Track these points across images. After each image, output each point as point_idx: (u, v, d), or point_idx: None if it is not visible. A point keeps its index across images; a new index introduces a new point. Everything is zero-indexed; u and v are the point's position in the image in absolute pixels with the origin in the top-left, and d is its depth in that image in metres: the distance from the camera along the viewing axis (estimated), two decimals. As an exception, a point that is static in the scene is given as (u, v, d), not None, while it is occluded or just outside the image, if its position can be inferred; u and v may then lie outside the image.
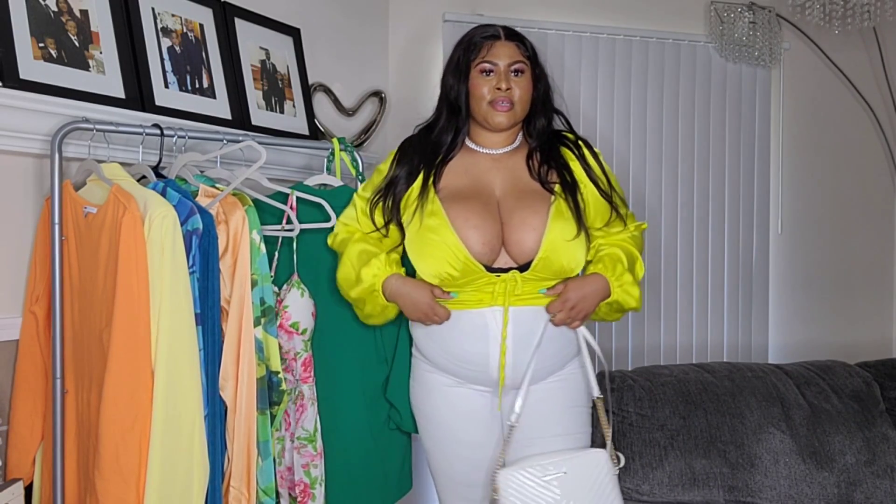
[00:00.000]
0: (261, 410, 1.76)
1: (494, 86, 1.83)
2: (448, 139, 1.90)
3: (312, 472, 1.95)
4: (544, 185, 1.85)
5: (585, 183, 1.88)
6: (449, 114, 1.90)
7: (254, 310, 1.74)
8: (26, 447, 1.74)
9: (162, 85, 1.96)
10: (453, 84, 1.88)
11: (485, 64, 1.84)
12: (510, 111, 1.84)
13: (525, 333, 1.79)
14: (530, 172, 1.88)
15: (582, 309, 1.80)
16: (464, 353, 1.82)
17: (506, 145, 1.91)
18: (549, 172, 1.87)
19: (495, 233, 1.79)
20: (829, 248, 3.38)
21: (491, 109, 1.84)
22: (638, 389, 2.15)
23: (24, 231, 1.74)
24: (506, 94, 1.82)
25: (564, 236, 1.78)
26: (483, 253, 1.77)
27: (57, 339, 1.64)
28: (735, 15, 3.14)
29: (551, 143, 1.92)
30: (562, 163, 1.89)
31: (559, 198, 1.83)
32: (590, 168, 1.90)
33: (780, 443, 2.14)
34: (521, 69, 1.85)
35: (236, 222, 1.74)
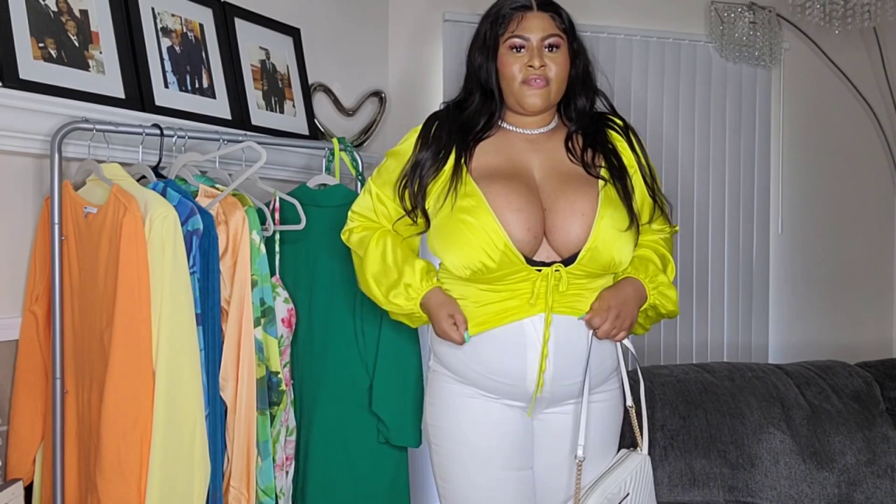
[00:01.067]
0: (261, 411, 1.76)
1: (526, 63, 1.62)
2: (482, 121, 1.70)
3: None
4: (588, 169, 1.66)
5: (635, 170, 1.70)
6: (482, 95, 1.70)
7: (254, 310, 1.74)
8: (26, 447, 1.74)
9: (162, 85, 1.96)
10: (481, 63, 1.68)
11: (515, 39, 1.63)
12: (545, 89, 1.63)
13: (567, 342, 1.61)
14: (570, 156, 1.69)
15: (626, 316, 1.61)
16: (499, 364, 1.62)
17: (541, 126, 1.72)
18: (594, 156, 1.68)
19: (539, 218, 1.60)
20: (829, 248, 3.38)
21: (524, 89, 1.63)
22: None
23: (23, 231, 1.74)
24: (539, 72, 1.62)
25: (616, 225, 1.60)
26: (526, 241, 1.57)
27: (57, 339, 1.64)
28: (735, 15, 3.14)
29: (596, 126, 1.73)
30: (609, 147, 1.70)
31: (608, 183, 1.65)
32: (639, 157, 1.72)
33: (780, 443, 2.14)
34: (557, 43, 1.64)
35: (236, 223, 1.74)
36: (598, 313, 1.60)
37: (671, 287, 1.70)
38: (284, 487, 1.92)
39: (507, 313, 1.60)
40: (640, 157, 1.72)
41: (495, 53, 1.66)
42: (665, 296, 1.68)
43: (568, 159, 1.69)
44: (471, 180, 1.63)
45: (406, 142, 1.74)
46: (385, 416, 1.94)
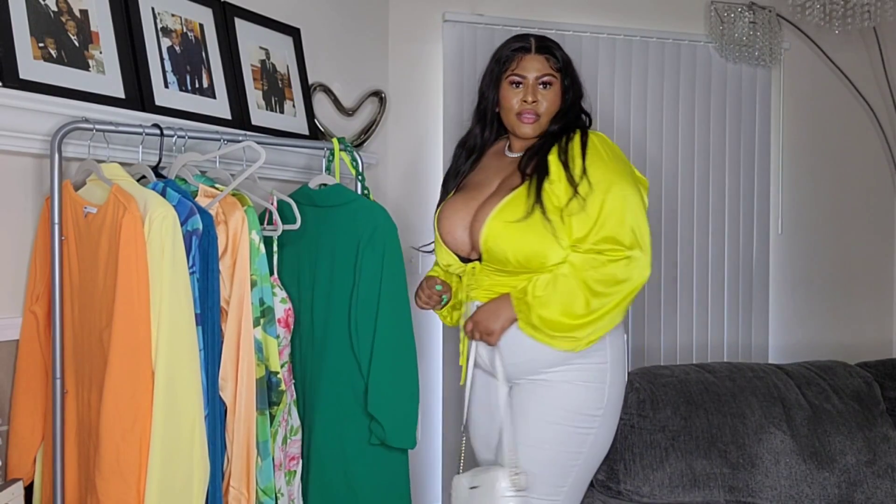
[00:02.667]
0: (260, 411, 1.76)
1: (522, 98, 1.90)
2: (476, 142, 2.02)
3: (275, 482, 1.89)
4: (522, 172, 1.88)
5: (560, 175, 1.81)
6: (479, 118, 2.02)
7: (253, 310, 1.74)
8: (26, 447, 1.73)
9: (162, 85, 1.96)
10: (488, 94, 1.98)
11: (514, 77, 1.92)
12: (535, 122, 1.91)
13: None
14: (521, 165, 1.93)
15: (484, 322, 1.84)
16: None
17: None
18: (529, 163, 1.88)
19: (464, 224, 1.90)
20: (829, 249, 3.38)
21: (517, 120, 1.91)
22: (639, 390, 2.15)
23: (24, 231, 1.74)
24: (531, 107, 1.89)
25: (506, 218, 1.80)
26: (452, 242, 1.93)
27: (57, 339, 1.64)
28: (735, 15, 3.14)
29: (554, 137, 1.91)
30: (542, 152, 1.88)
31: (525, 186, 1.83)
32: (566, 154, 1.83)
33: (780, 443, 2.14)
34: (550, 82, 1.92)
35: (236, 223, 1.73)
36: (471, 319, 1.88)
37: (549, 306, 1.76)
38: (284, 488, 1.92)
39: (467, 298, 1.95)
40: (569, 153, 1.83)
41: (498, 86, 1.95)
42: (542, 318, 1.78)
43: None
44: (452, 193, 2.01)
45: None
46: (381, 417, 1.93)
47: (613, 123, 3.13)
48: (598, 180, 1.77)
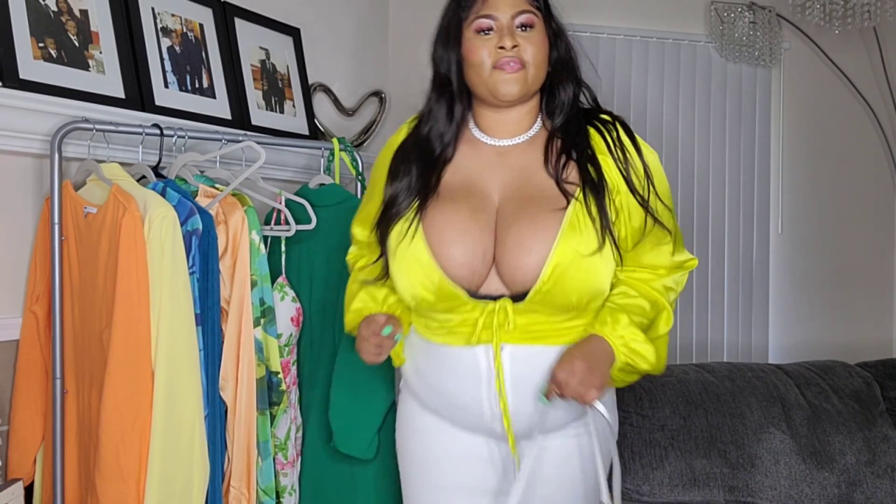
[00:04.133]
0: (261, 411, 1.76)
1: (496, 45, 1.39)
2: (444, 128, 1.48)
3: (282, 480, 1.91)
4: (560, 184, 1.40)
5: (619, 186, 1.41)
6: (439, 94, 1.48)
7: (253, 310, 1.74)
8: (27, 447, 1.73)
9: (162, 85, 1.96)
10: (443, 54, 1.45)
11: (481, 20, 1.40)
12: (520, 72, 1.39)
13: (528, 375, 1.41)
14: (547, 167, 1.43)
15: (596, 371, 1.36)
16: (454, 396, 1.46)
17: (518, 134, 1.47)
18: (566, 166, 1.42)
19: (481, 251, 1.39)
20: (829, 248, 3.38)
21: (496, 75, 1.39)
22: (638, 390, 2.15)
23: (24, 231, 1.74)
24: (513, 54, 1.38)
25: (579, 250, 1.35)
26: (462, 276, 1.38)
27: (57, 339, 1.64)
28: (735, 15, 3.14)
29: (578, 126, 1.46)
30: (588, 153, 1.42)
31: (578, 203, 1.38)
32: (629, 162, 1.42)
33: (780, 443, 2.14)
34: (530, 22, 1.41)
35: (236, 223, 1.74)
36: (563, 367, 1.34)
37: (646, 342, 1.41)
38: (296, 483, 1.93)
39: (459, 338, 1.43)
40: (632, 162, 1.43)
41: (459, 41, 1.42)
42: (637, 353, 1.41)
43: (543, 173, 1.44)
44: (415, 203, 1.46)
45: (374, 178, 1.57)
46: (333, 419, 1.87)
47: (613, 123, 3.13)
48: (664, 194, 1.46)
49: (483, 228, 1.40)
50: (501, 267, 1.39)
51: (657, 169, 1.45)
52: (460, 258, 1.38)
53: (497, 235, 1.40)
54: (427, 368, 1.50)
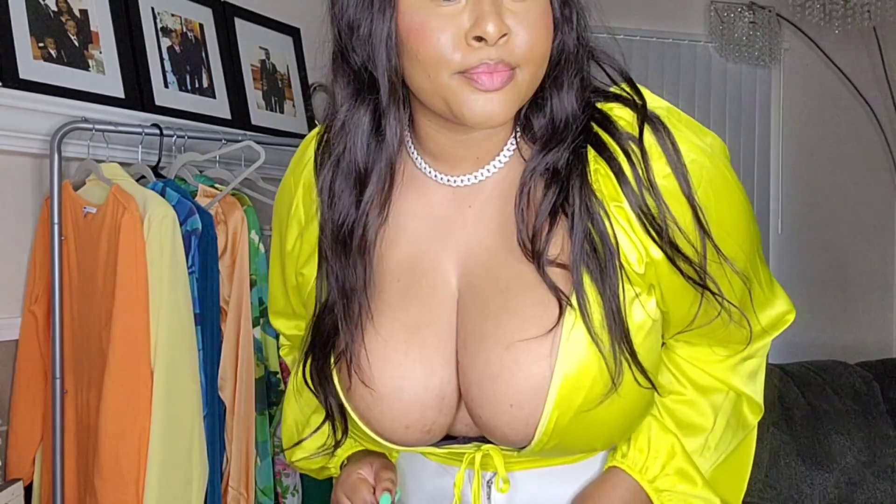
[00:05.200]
0: (259, 411, 1.76)
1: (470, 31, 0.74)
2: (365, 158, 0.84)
3: (284, 480, 1.91)
4: (541, 271, 0.81)
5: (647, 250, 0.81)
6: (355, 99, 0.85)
7: (252, 310, 1.74)
8: (26, 447, 1.73)
9: (162, 85, 1.96)
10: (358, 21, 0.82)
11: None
12: (510, 84, 0.76)
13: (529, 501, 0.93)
14: (520, 235, 0.83)
15: None
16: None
17: (485, 163, 0.86)
18: (550, 235, 0.82)
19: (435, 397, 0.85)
20: (829, 248, 3.37)
21: (467, 88, 0.76)
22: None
23: (23, 231, 1.73)
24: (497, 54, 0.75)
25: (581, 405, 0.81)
26: (408, 441, 0.87)
27: (56, 339, 1.64)
28: (735, 15, 3.14)
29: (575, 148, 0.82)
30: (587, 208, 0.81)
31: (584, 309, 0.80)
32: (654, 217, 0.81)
33: (780, 443, 2.14)
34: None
35: (235, 222, 1.74)
36: None
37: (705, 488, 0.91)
38: (298, 484, 1.93)
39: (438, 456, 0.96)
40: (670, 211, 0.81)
41: (392, 3, 0.78)
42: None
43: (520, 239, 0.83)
44: None
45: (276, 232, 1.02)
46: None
47: (613, 123, 3.13)
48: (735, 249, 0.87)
49: (434, 357, 0.85)
50: (473, 416, 0.86)
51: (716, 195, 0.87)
52: (402, 419, 0.85)
53: (459, 361, 0.85)
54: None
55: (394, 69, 0.79)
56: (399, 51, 0.79)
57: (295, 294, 0.98)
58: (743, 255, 0.87)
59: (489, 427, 0.84)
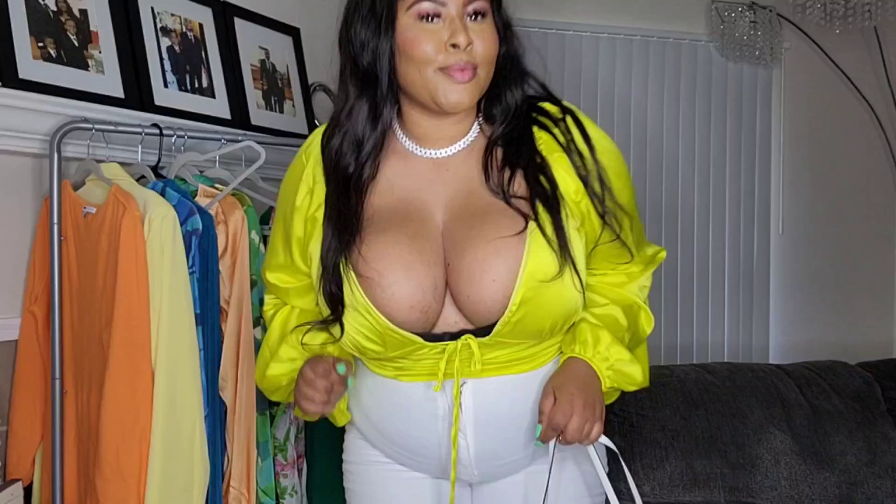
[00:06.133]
0: (260, 411, 1.76)
1: (448, 41, 1.14)
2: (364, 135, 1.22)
3: (282, 481, 1.90)
4: (508, 200, 1.20)
5: (578, 190, 1.22)
6: (360, 92, 1.21)
7: (253, 310, 1.74)
8: (26, 448, 1.73)
9: (161, 85, 1.96)
10: (368, 40, 1.17)
11: (425, 4, 1.14)
12: (473, 80, 1.16)
13: (493, 409, 1.24)
14: (490, 183, 1.22)
15: (595, 402, 1.21)
16: (406, 438, 1.28)
17: (456, 140, 1.25)
18: (512, 178, 1.21)
19: (430, 285, 1.18)
20: (830, 248, 3.37)
21: (443, 81, 1.15)
22: (638, 390, 2.15)
23: (23, 231, 1.73)
24: (466, 57, 1.14)
25: (540, 277, 1.17)
26: (413, 320, 1.18)
27: (56, 339, 1.64)
28: (736, 14, 3.14)
29: (522, 125, 1.24)
30: (537, 160, 1.22)
31: (538, 222, 1.19)
32: (583, 161, 1.22)
33: (780, 443, 2.14)
34: (483, 10, 1.17)
35: (235, 222, 1.73)
36: (560, 409, 1.16)
37: (633, 361, 1.27)
38: (297, 485, 1.92)
39: (412, 374, 1.25)
40: (586, 160, 1.22)
41: (392, 26, 1.16)
42: (623, 374, 1.27)
43: (485, 188, 1.22)
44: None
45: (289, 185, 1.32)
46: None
47: (614, 123, 3.12)
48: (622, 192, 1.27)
49: (429, 258, 1.19)
50: (459, 299, 1.19)
51: (613, 164, 1.26)
52: (408, 300, 1.17)
53: (448, 262, 1.20)
54: (373, 405, 1.30)
55: (391, 70, 1.18)
56: (396, 58, 1.17)
57: (297, 246, 1.27)
58: (630, 205, 1.28)
59: (473, 301, 1.18)
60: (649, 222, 3.15)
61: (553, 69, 3.06)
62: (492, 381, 1.24)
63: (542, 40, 3.04)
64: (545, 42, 3.04)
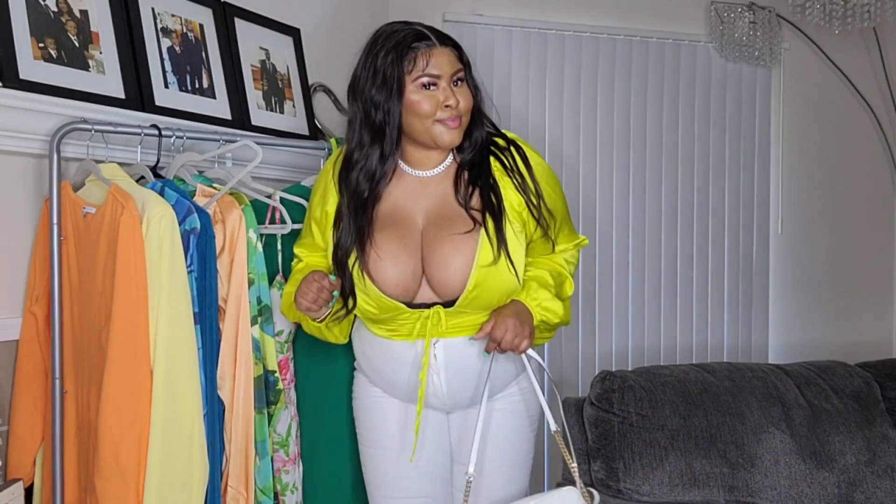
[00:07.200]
0: (258, 410, 1.76)
1: (442, 102, 1.62)
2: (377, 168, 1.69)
3: (284, 477, 1.92)
4: (468, 210, 1.68)
5: (518, 201, 1.70)
6: (372, 139, 1.67)
7: (250, 309, 1.74)
8: (27, 447, 1.74)
9: (162, 85, 1.96)
10: (382, 101, 1.63)
11: (426, 77, 1.62)
12: (460, 126, 1.66)
13: (459, 360, 1.72)
14: (458, 197, 1.70)
15: (525, 323, 1.66)
16: (397, 380, 1.76)
17: (436, 165, 1.73)
18: (472, 194, 1.69)
19: (411, 271, 1.67)
20: (829, 249, 3.38)
21: (440, 127, 1.64)
22: (638, 390, 2.15)
23: (23, 231, 1.74)
24: (456, 112, 1.64)
25: (486, 263, 1.64)
26: (398, 294, 1.66)
27: (56, 339, 1.64)
28: (735, 15, 3.14)
29: (482, 155, 1.72)
30: (490, 182, 1.70)
31: (485, 227, 1.66)
32: (522, 179, 1.71)
33: (780, 443, 2.14)
34: (462, 76, 1.66)
35: (233, 222, 1.74)
36: (498, 326, 1.64)
37: (554, 299, 1.73)
38: (298, 481, 1.94)
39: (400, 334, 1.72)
40: (524, 177, 1.71)
41: (401, 92, 1.62)
42: (548, 309, 1.73)
43: (455, 201, 1.70)
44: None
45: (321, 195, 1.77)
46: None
47: (613, 123, 3.13)
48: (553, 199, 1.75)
49: (411, 250, 1.68)
50: (432, 281, 1.68)
51: (546, 180, 1.74)
52: (395, 279, 1.66)
53: (424, 254, 1.68)
54: (374, 357, 1.79)
55: (398, 126, 1.66)
56: (402, 114, 1.65)
57: (316, 226, 1.78)
58: (559, 209, 1.78)
59: (441, 283, 1.67)
60: (649, 222, 3.16)
61: (552, 69, 3.06)
62: (456, 340, 1.71)
63: (542, 40, 3.05)
64: (545, 42, 3.05)
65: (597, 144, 3.11)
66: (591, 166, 3.11)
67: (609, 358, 3.14)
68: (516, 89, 3.03)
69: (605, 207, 3.14)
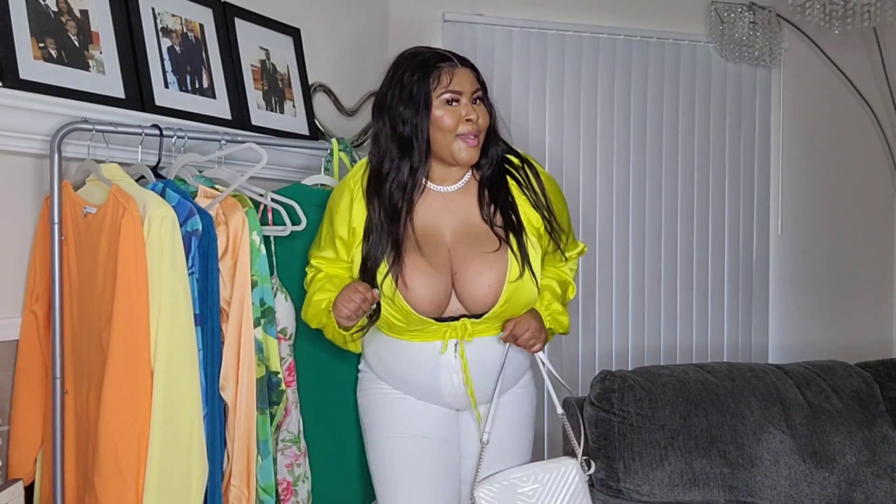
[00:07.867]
0: (261, 410, 1.76)
1: (464, 117, 1.74)
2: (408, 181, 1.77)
3: (296, 470, 1.95)
4: (493, 228, 1.80)
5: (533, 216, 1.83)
6: (401, 153, 1.77)
7: (253, 310, 1.74)
8: (27, 447, 1.74)
9: (162, 85, 1.96)
10: (410, 116, 1.73)
11: (449, 94, 1.74)
12: (477, 144, 1.77)
13: (482, 360, 1.81)
14: (482, 214, 1.82)
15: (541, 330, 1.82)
16: (413, 380, 1.84)
17: (457, 181, 1.83)
18: (495, 213, 1.81)
19: (442, 288, 1.75)
20: (829, 249, 3.38)
21: (460, 143, 1.75)
22: (638, 389, 2.15)
23: (24, 231, 1.74)
24: (476, 128, 1.75)
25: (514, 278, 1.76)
26: (430, 311, 1.74)
27: (56, 339, 1.64)
28: (735, 15, 3.14)
29: (500, 173, 1.84)
30: (508, 200, 1.82)
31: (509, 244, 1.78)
32: (537, 195, 1.84)
33: (780, 443, 2.14)
34: (481, 95, 1.79)
35: (236, 223, 1.74)
36: (520, 325, 1.78)
37: (564, 313, 1.91)
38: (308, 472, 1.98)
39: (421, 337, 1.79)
40: (538, 195, 1.84)
41: (428, 108, 1.73)
42: (557, 321, 1.90)
43: (479, 217, 1.81)
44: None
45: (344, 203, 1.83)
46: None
47: (614, 123, 3.13)
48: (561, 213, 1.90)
49: (442, 268, 1.76)
50: (462, 297, 1.77)
51: (556, 197, 1.88)
52: (429, 296, 1.74)
53: (454, 270, 1.77)
54: (389, 356, 1.85)
55: (426, 140, 1.76)
56: (429, 129, 1.75)
57: (342, 243, 1.83)
58: (566, 224, 1.92)
59: (473, 299, 1.77)
60: (649, 222, 3.16)
61: (553, 69, 3.06)
62: (477, 341, 1.81)
63: (542, 40, 3.05)
64: (545, 42, 3.05)
65: (597, 144, 3.11)
66: (591, 166, 3.11)
67: (609, 358, 3.13)
68: (516, 89, 3.03)
69: (605, 208, 3.14)
